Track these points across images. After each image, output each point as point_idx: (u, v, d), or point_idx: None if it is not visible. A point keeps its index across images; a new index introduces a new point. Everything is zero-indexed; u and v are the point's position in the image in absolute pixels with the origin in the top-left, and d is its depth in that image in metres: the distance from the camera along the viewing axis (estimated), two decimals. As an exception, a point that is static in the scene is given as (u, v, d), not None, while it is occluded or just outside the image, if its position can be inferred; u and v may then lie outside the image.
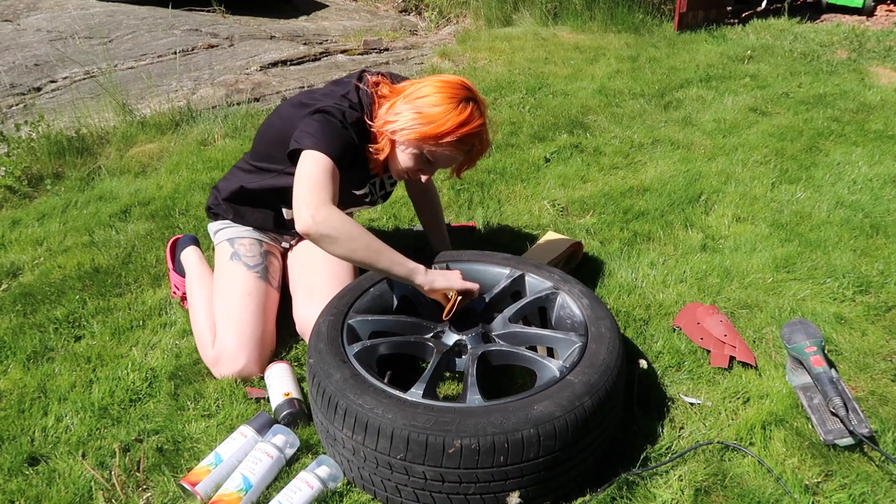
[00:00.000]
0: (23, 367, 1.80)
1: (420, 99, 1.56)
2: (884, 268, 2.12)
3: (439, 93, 1.56)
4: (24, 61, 4.67)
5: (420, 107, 1.55)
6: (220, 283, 1.82)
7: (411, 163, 1.63)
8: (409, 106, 1.57)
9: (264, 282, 1.81)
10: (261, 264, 1.83)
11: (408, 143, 1.60)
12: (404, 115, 1.57)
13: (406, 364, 1.66)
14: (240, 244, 1.85)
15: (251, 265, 1.82)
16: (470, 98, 1.57)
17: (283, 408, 1.55)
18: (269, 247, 1.90)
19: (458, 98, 1.56)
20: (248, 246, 1.85)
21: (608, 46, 4.91)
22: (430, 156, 1.61)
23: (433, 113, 1.54)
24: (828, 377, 1.52)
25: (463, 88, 1.58)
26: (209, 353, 1.74)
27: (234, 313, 1.74)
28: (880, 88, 3.86)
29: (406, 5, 7.60)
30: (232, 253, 1.84)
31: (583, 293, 1.60)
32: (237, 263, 1.82)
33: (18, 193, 2.85)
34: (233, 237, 1.87)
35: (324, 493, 1.33)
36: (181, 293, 2.02)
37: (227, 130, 3.38)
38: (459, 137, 1.56)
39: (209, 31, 5.65)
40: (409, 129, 1.56)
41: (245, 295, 1.76)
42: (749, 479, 1.40)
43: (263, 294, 1.79)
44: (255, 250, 1.85)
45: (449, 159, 1.63)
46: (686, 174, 2.82)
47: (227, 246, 1.86)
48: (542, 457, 1.23)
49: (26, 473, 1.46)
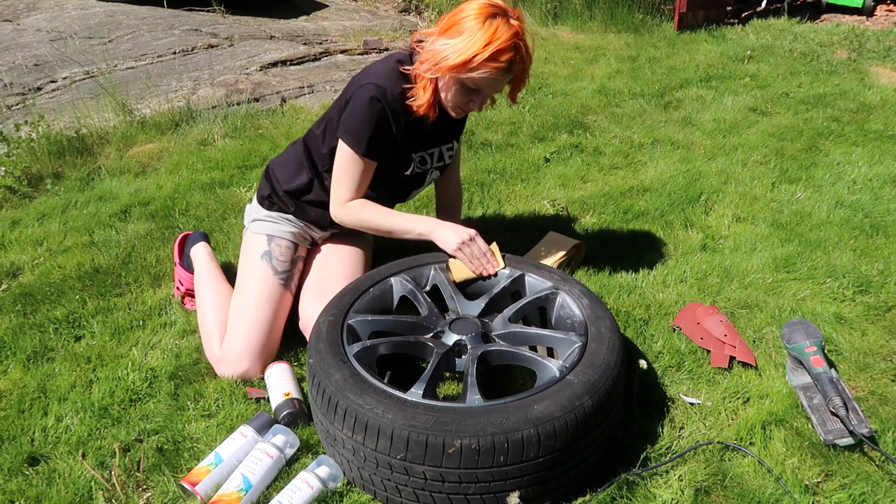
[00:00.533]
0: (23, 367, 1.80)
1: (450, 30, 1.54)
2: (884, 268, 2.12)
3: (463, 17, 1.53)
4: (24, 61, 4.67)
5: (450, 37, 1.53)
6: (244, 280, 1.81)
7: (458, 96, 1.62)
8: (442, 39, 1.55)
9: (285, 289, 1.80)
10: (288, 272, 1.82)
11: (445, 79, 1.59)
12: (436, 49, 1.55)
13: (406, 364, 1.66)
14: (276, 245, 1.83)
15: (279, 271, 1.80)
16: (496, 13, 1.52)
17: (283, 408, 1.55)
18: (302, 250, 1.89)
19: (484, 16, 1.51)
20: (284, 249, 1.83)
21: (608, 46, 4.91)
22: (471, 83, 1.58)
23: (459, 39, 1.51)
24: (828, 377, 1.52)
25: (489, 6, 1.53)
26: (215, 350, 1.74)
27: (248, 315, 1.73)
28: (880, 88, 3.86)
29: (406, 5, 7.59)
30: (265, 252, 1.82)
31: (583, 293, 1.60)
32: (266, 265, 1.80)
33: (18, 193, 2.85)
34: (273, 234, 1.84)
35: (324, 493, 1.33)
36: (184, 289, 2.02)
37: (226, 130, 3.38)
38: (492, 55, 1.51)
39: (209, 31, 5.65)
40: (440, 62, 1.54)
41: (264, 301, 1.75)
42: (749, 479, 1.40)
43: (280, 300, 1.78)
44: (288, 255, 1.83)
45: (493, 82, 1.58)
46: (686, 174, 2.82)
47: (263, 242, 1.84)
48: (542, 457, 1.23)
49: (26, 473, 1.46)
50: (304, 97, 4.07)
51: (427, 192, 2.36)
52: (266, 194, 1.89)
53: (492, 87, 1.61)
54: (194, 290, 1.97)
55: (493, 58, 1.51)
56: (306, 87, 4.22)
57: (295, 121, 3.58)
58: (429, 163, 1.83)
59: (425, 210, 2.57)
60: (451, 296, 1.65)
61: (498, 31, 1.51)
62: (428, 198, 2.55)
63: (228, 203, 2.66)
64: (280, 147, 3.16)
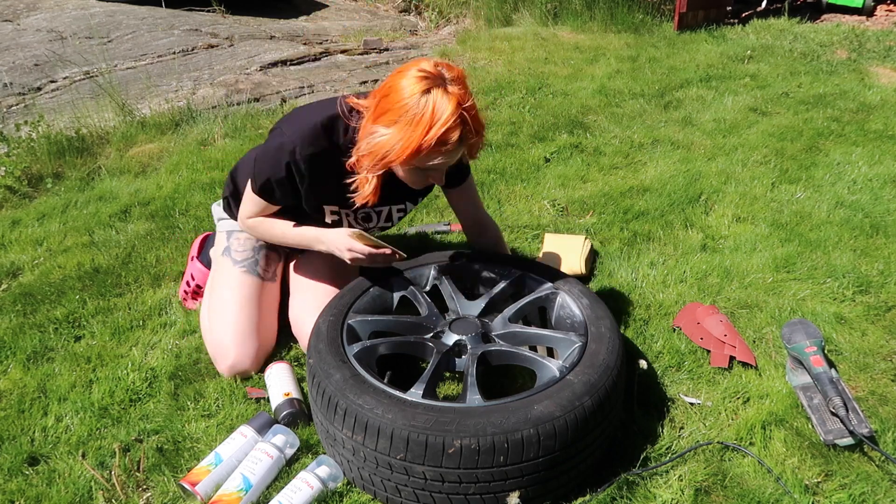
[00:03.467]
0: (23, 367, 1.80)
1: (382, 116, 1.36)
2: (884, 268, 2.12)
3: (397, 100, 1.33)
4: (24, 61, 4.67)
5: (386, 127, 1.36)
6: (211, 278, 1.86)
7: (414, 177, 1.47)
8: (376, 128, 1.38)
9: (252, 276, 1.80)
10: (250, 258, 1.82)
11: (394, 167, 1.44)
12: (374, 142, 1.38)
13: (406, 364, 1.66)
14: (235, 239, 1.85)
15: (238, 260, 1.81)
16: (430, 87, 1.31)
17: (283, 408, 1.55)
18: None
19: (418, 93, 1.31)
20: (242, 241, 1.85)
21: (608, 46, 4.91)
22: (423, 166, 1.41)
23: (395, 130, 1.34)
24: (828, 377, 1.52)
25: (420, 79, 1.32)
26: (211, 350, 1.75)
27: (220, 308, 1.75)
28: (880, 88, 3.86)
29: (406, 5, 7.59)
30: (225, 248, 1.85)
31: (583, 293, 1.60)
32: (226, 259, 1.83)
33: (18, 193, 2.85)
34: (231, 230, 1.87)
35: (324, 493, 1.33)
36: (194, 285, 2.02)
37: (226, 130, 3.38)
38: (438, 140, 1.32)
39: (209, 31, 5.65)
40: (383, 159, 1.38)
41: (229, 290, 1.77)
42: (749, 479, 1.40)
43: (251, 287, 1.78)
44: (247, 245, 1.84)
45: (447, 159, 1.39)
46: (686, 174, 2.82)
47: (223, 239, 1.87)
48: (542, 457, 1.23)
49: (26, 473, 1.46)
50: (304, 97, 4.07)
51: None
52: (227, 195, 1.87)
53: (447, 161, 1.41)
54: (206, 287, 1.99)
55: (440, 141, 1.33)
56: (306, 87, 4.22)
57: (295, 121, 3.57)
58: (373, 220, 1.73)
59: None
60: (450, 296, 1.65)
61: (437, 110, 1.30)
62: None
63: (228, 203, 2.66)
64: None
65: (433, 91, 1.31)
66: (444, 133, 1.32)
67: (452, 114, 1.31)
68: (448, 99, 1.31)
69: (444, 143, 1.34)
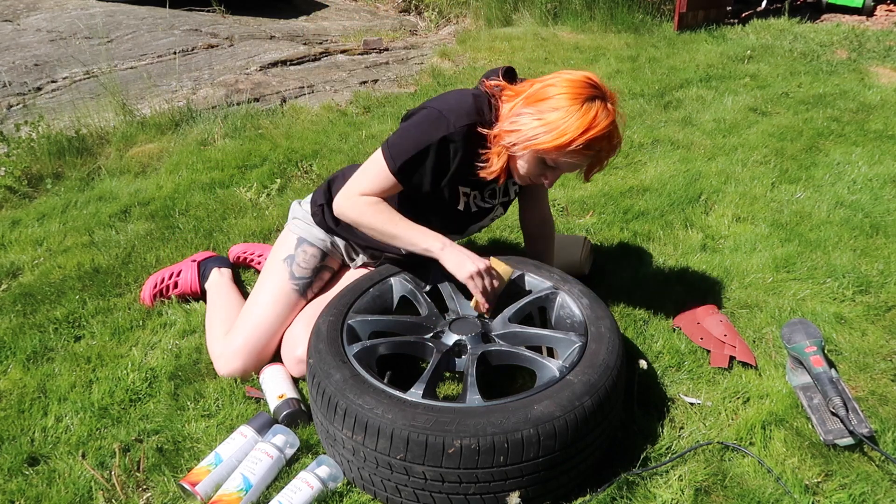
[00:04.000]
0: (23, 367, 1.80)
1: (541, 102, 1.43)
2: (884, 268, 2.12)
3: (558, 93, 1.42)
4: (24, 61, 4.67)
5: (542, 112, 1.42)
6: (262, 279, 1.79)
7: (532, 169, 1.51)
8: (529, 111, 1.44)
9: (299, 296, 1.76)
10: (306, 278, 1.77)
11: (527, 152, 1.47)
12: (523, 122, 1.44)
13: (406, 364, 1.66)
14: (302, 250, 1.79)
15: (296, 276, 1.76)
16: (596, 96, 1.43)
17: (282, 408, 1.55)
18: (330, 261, 1.83)
19: (583, 98, 1.41)
20: (308, 256, 1.78)
21: (608, 46, 4.91)
22: (551, 162, 1.48)
23: (554, 119, 1.40)
24: (828, 377, 1.52)
25: (588, 86, 1.43)
26: (216, 349, 1.75)
27: (254, 315, 1.73)
28: (880, 88, 3.86)
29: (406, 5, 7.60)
30: (289, 255, 1.78)
31: (583, 293, 1.60)
32: (285, 268, 1.77)
33: (18, 193, 2.85)
34: (303, 238, 1.80)
35: (324, 493, 1.33)
36: (169, 283, 2.01)
37: (226, 130, 3.38)
38: (584, 143, 1.41)
39: (209, 31, 5.65)
40: (530, 142, 1.43)
41: (273, 303, 1.73)
42: (749, 479, 1.40)
43: (291, 306, 1.75)
44: (311, 263, 1.78)
45: (573, 165, 1.50)
46: (686, 174, 2.82)
47: (291, 244, 1.80)
48: (542, 457, 1.23)
49: (26, 473, 1.46)
50: (304, 97, 4.07)
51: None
52: (322, 202, 1.78)
53: (571, 168, 1.52)
54: (195, 292, 2.01)
55: (586, 145, 1.41)
56: (306, 87, 4.22)
57: (295, 121, 3.58)
58: (497, 196, 1.71)
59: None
60: (450, 296, 1.65)
61: (597, 119, 1.41)
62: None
63: (228, 203, 2.66)
64: (280, 147, 3.16)
65: (598, 101, 1.43)
66: (595, 139, 1.42)
67: (608, 126, 1.43)
68: (607, 114, 1.44)
69: (589, 147, 1.43)
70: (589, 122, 1.40)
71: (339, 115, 3.68)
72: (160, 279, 2.03)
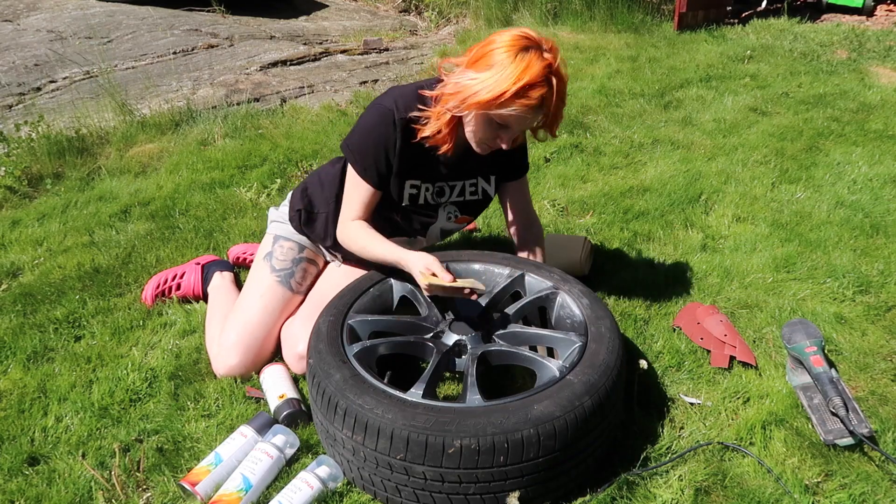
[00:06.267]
0: (23, 367, 1.80)
1: (478, 61, 1.44)
2: (884, 268, 2.12)
3: (493, 49, 1.42)
4: (24, 61, 4.67)
5: (478, 70, 1.43)
6: (248, 278, 1.84)
7: (484, 132, 1.51)
8: (469, 72, 1.45)
9: (284, 287, 1.78)
10: (287, 269, 1.80)
11: (472, 114, 1.48)
12: (462, 83, 1.45)
13: (406, 364, 1.66)
14: (279, 245, 1.83)
15: (276, 269, 1.80)
16: (529, 46, 1.41)
17: (282, 408, 1.55)
18: (309, 254, 1.86)
19: (515, 49, 1.40)
20: (285, 250, 1.83)
21: (608, 46, 4.91)
22: (499, 119, 1.47)
23: (490, 73, 1.41)
24: (828, 377, 1.52)
25: (522, 38, 1.42)
26: (213, 348, 1.75)
27: (241, 311, 1.75)
28: (880, 88, 3.86)
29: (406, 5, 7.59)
30: (268, 253, 1.83)
31: (583, 293, 1.60)
32: (265, 264, 1.81)
33: (18, 193, 2.85)
34: (279, 235, 1.85)
35: (324, 493, 1.33)
36: (172, 285, 2.02)
37: (226, 130, 3.38)
38: (520, 90, 1.39)
39: (209, 31, 5.65)
40: (467, 98, 1.44)
41: (258, 297, 1.76)
42: (749, 479, 1.40)
43: (278, 299, 1.77)
44: (289, 255, 1.82)
45: (522, 119, 1.46)
46: (686, 174, 2.82)
47: (269, 242, 1.85)
48: (542, 457, 1.23)
49: (26, 473, 1.46)
50: (304, 97, 4.07)
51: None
52: (300, 207, 1.81)
53: (521, 124, 1.50)
54: (197, 294, 2.02)
55: (522, 93, 1.41)
56: (306, 87, 4.22)
57: (295, 121, 3.58)
58: (446, 195, 1.72)
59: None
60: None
61: (530, 66, 1.40)
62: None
63: (228, 203, 2.66)
64: (280, 147, 3.16)
65: (530, 50, 1.41)
66: (527, 85, 1.40)
67: (541, 72, 1.41)
68: (541, 60, 1.41)
69: (526, 95, 1.41)
70: (522, 69, 1.39)
71: (339, 115, 3.68)
72: (163, 280, 2.03)
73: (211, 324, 1.83)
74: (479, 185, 1.76)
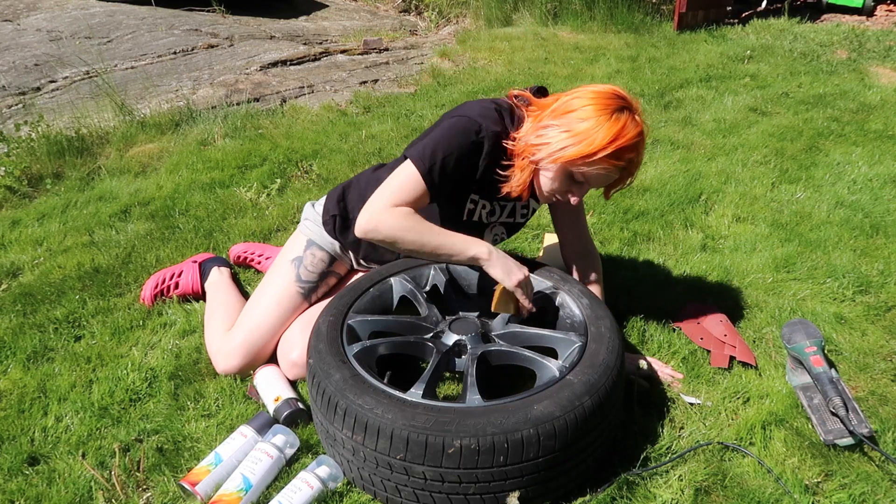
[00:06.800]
0: (23, 367, 1.80)
1: (568, 114, 1.42)
2: (884, 268, 2.12)
3: (584, 105, 1.41)
4: (24, 61, 4.67)
5: (569, 123, 1.41)
6: (268, 279, 1.78)
7: (557, 183, 1.48)
8: (556, 123, 1.43)
9: (303, 299, 1.76)
10: (312, 283, 1.76)
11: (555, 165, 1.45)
12: (550, 135, 1.42)
13: (406, 364, 1.66)
14: (311, 253, 1.76)
15: (302, 279, 1.75)
16: (624, 107, 1.41)
17: (282, 409, 1.55)
18: (337, 266, 1.81)
19: (611, 108, 1.40)
20: (316, 260, 1.77)
21: (608, 46, 4.91)
22: (579, 176, 1.46)
23: (583, 130, 1.39)
24: (828, 377, 1.52)
25: (616, 97, 1.42)
26: (214, 345, 1.75)
27: (256, 314, 1.72)
28: (880, 88, 3.86)
29: (406, 5, 7.60)
30: (297, 257, 1.77)
31: (583, 293, 1.60)
32: (292, 270, 1.76)
33: (18, 193, 2.85)
34: (312, 241, 1.78)
35: (324, 493, 1.33)
36: (170, 283, 2.01)
37: (226, 130, 3.38)
38: (613, 153, 1.40)
39: (209, 31, 5.65)
40: (557, 154, 1.41)
41: (276, 304, 1.72)
42: (749, 479, 1.40)
43: (294, 308, 1.74)
44: (318, 267, 1.77)
45: (602, 178, 1.47)
46: (686, 174, 2.82)
47: (300, 245, 1.78)
48: (542, 457, 1.23)
49: (26, 473, 1.46)
50: (304, 97, 4.07)
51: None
52: (334, 213, 1.75)
53: (599, 182, 1.48)
54: (196, 292, 2.01)
55: (615, 155, 1.40)
56: (306, 87, 4.22)
57: (295, 121, 3.58)
58: (497, 214, 1.67)
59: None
60: (450, 295, 1.65)
61: (626, 128, 1.40)
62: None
63: (228, 203, 2.66)
64: (280, 147, 3.16)
65: (626, 112, 1.42)
66: (624, 148, 1.40)
67: (635, 136, 1.41)
68: (635, 124, 1.42)
69: (617, 158, 1.41)
70: (617, 131, 1.39)
71: (339, 114, 3.68)
72: (161, 279, 2.03)
73: (211, 320, 1.83)
74: (530, 205, 1.72)
